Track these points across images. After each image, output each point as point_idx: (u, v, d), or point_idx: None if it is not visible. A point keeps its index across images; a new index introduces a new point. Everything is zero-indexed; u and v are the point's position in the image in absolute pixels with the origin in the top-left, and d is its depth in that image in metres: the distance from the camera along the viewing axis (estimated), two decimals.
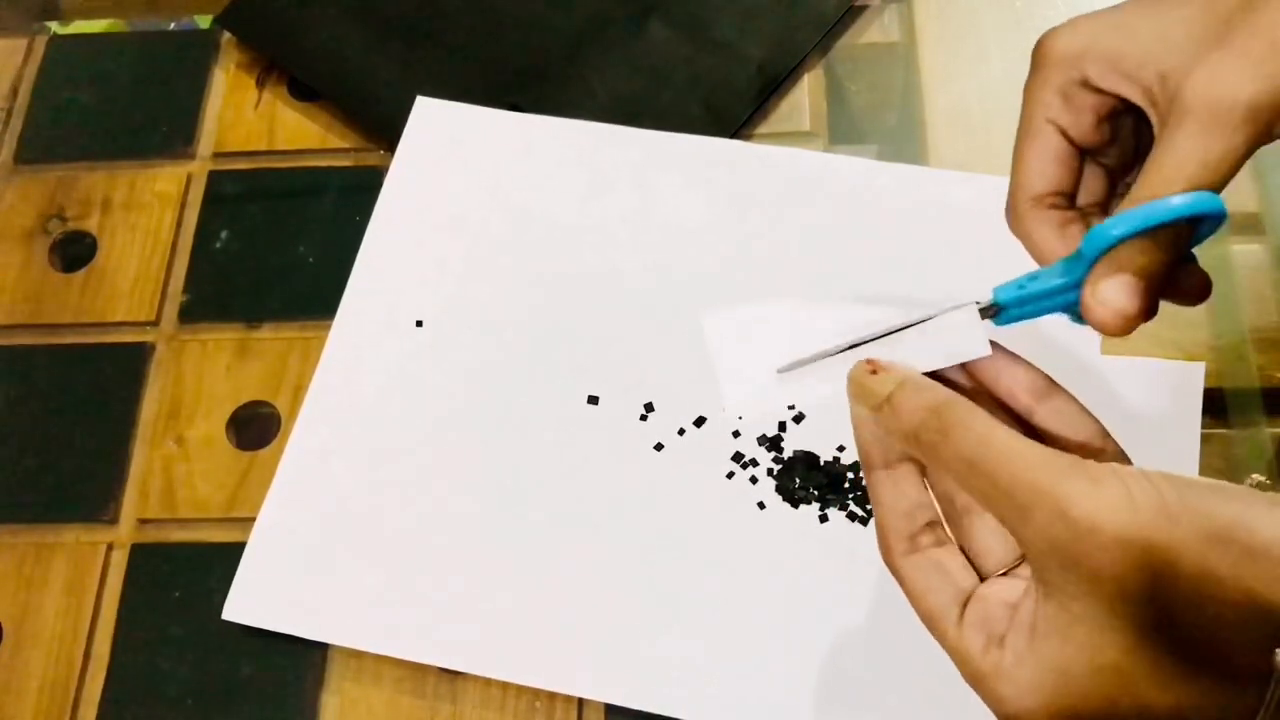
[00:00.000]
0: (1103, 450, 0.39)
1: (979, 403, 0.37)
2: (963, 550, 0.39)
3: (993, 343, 0.41)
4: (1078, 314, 0.40)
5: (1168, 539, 0.31)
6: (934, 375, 0.39)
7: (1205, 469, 0.59)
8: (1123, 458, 0.39)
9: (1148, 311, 0.38)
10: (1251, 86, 0.36)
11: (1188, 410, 0.60)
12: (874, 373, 0.38)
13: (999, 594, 0.37)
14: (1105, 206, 0.43)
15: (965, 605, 0.37)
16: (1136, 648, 0.32)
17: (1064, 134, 0.41)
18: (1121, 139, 0.43)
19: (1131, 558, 0.32)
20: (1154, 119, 0.39)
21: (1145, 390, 0.61)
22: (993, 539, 0.39)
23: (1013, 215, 0.42)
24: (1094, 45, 0.40)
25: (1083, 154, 0.42)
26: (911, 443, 0.37)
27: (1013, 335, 0.43)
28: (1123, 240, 0.37)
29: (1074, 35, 0.40)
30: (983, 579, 0.38)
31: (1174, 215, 0.37)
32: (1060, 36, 0.41)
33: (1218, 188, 0.37)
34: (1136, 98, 0.40)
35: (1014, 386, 0.40)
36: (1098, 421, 0.39)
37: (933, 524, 0.40)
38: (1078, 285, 0.39)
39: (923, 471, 0.40)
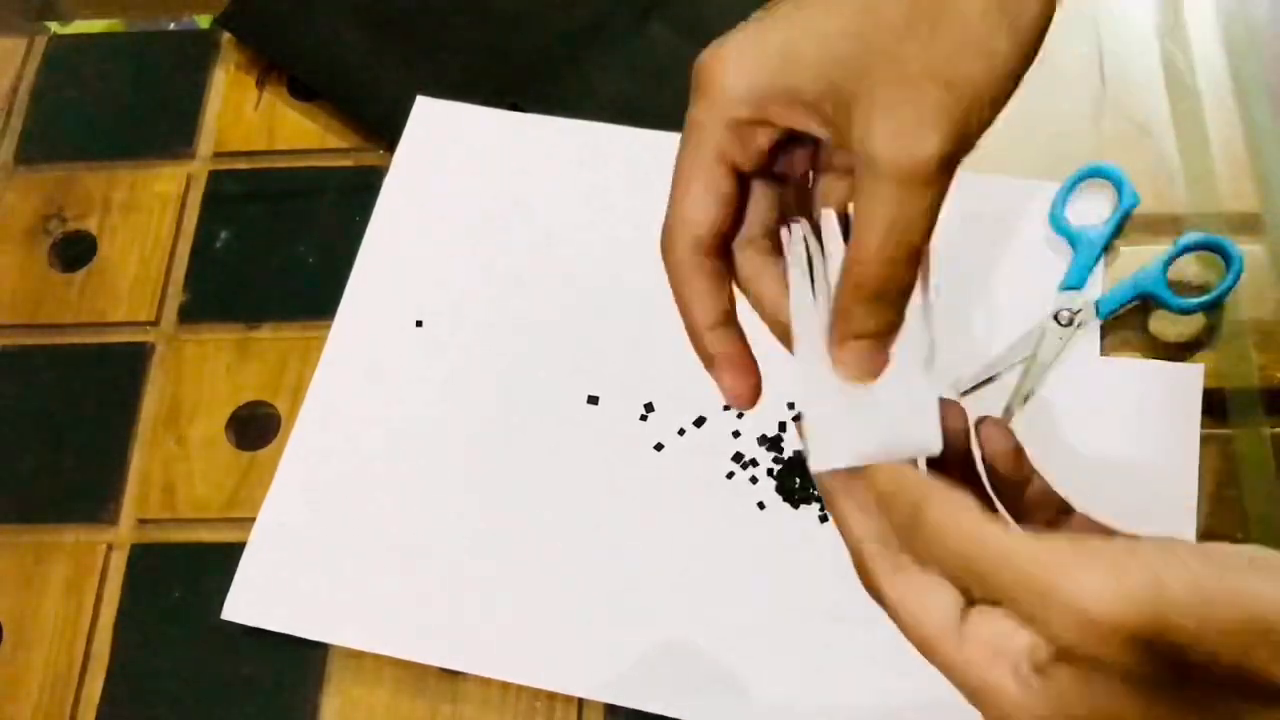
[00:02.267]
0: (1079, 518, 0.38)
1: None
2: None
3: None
4: None
5: (1160, 616, 0.30)
6: None
7: (1205, 469, 0.59)
8: (1100, 527, 0.38)
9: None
10: (936, 140, 0.34)
11: (1187, 411, 0.60)
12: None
13: (1000, 615, 0.35)
14: (778, 226, 0.41)
15: (964, 619, 0.35)
16: (1143, 704, 0.32)
17: (735, 168, 0.39)
18: (791, 152, 0.40)
19: (1123, 641, 0.30)
20: (844, 149, 0.36)
21: (1145, 391, 0.61)
22: None
23: (669, 256, 0.40)
24: (762, 78, 0.37)
25: (746, 184, 0.40)
26: (902, 540, 0.36)
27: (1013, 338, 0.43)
28: None
29: (740, 65, 0.37)
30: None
31: None
32: (727, 67, 0.38)
33: (927, 238, 0.36)
34: (819, 132, 0.37)
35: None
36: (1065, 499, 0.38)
37: None
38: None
39: None
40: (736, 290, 0.41)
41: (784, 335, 0.40)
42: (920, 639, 0.36)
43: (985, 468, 0.40)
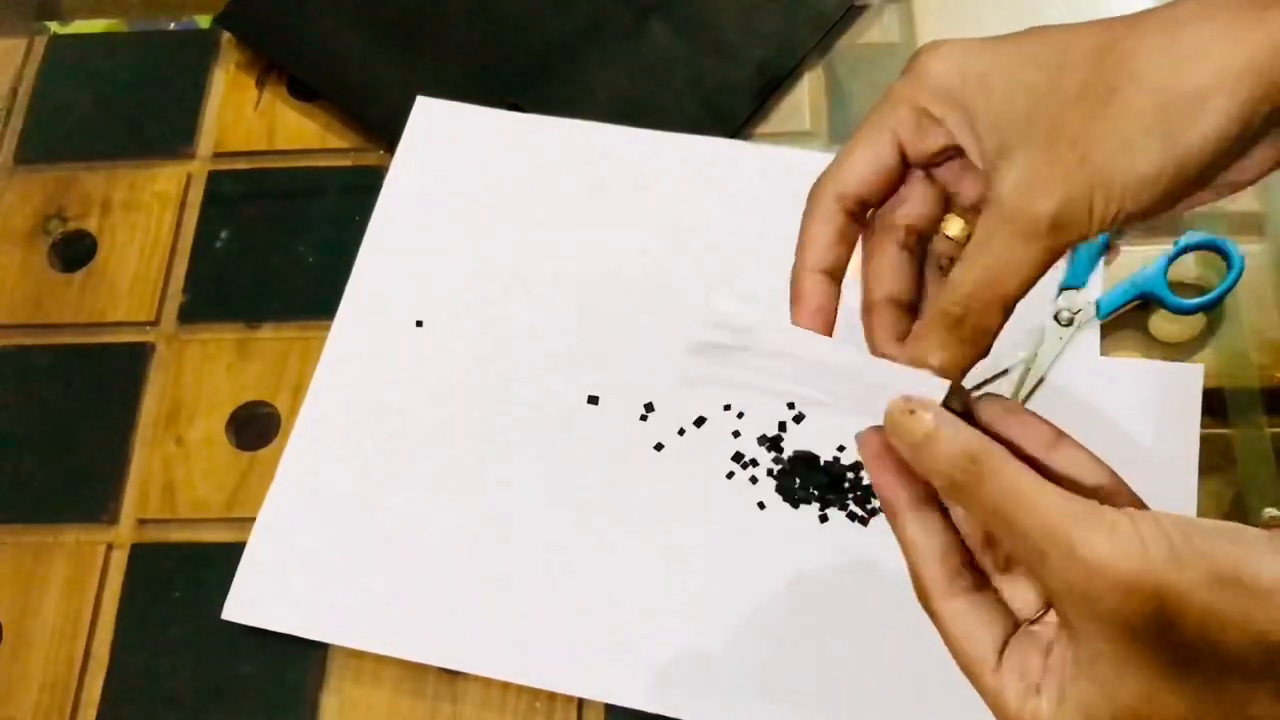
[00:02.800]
0: (1116, 493, 0.39)
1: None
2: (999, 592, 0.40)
3: (999, 396, 0.41)
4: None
5: (1175, 581, 0.32)
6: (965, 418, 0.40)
7: (1205, 469, 0.59)
8: (1137, 502, 0.39)
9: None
10: (1053, 201, 0.36)
11: (1187, 411, 0.60)
12: (911, 412, 0.38)
13: (1035, 640, 0.37)
14: (934, 226, 0.43)
15: (1003, 651, 0.37)
16: (1152, 686, 0.33)
17: (902, 148, 0.41)
18: (959, 165, 0.42)
19: (1141, 600, 0.33)
20: (986, 186, 0.39)
21: (1145, 391, 0.61)
22: (1021, 585, 0.40)
23: (811, 198, 0.42)
24: (958, 95, 0.39)
25: (907, 169, 0.42)
26: (944, 483, 0.37)
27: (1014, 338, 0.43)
28: None
29: (946, 71, 0.40)
30: (1019, 623, 0.39)
31: None
32: (938, 66, 0.40)
33: (1021, 293, 0.38)
34: (975, 159, 0.40)
35: (1023, 440, 0.40)
36: (1109, 468, 0.40)
37: (966, 564, 0.40)
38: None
39: (946, 514, 0.40)
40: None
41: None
42: (965, 660, 0.38)
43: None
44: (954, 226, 0.43)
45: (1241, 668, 0.32)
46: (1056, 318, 0.62)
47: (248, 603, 0.59)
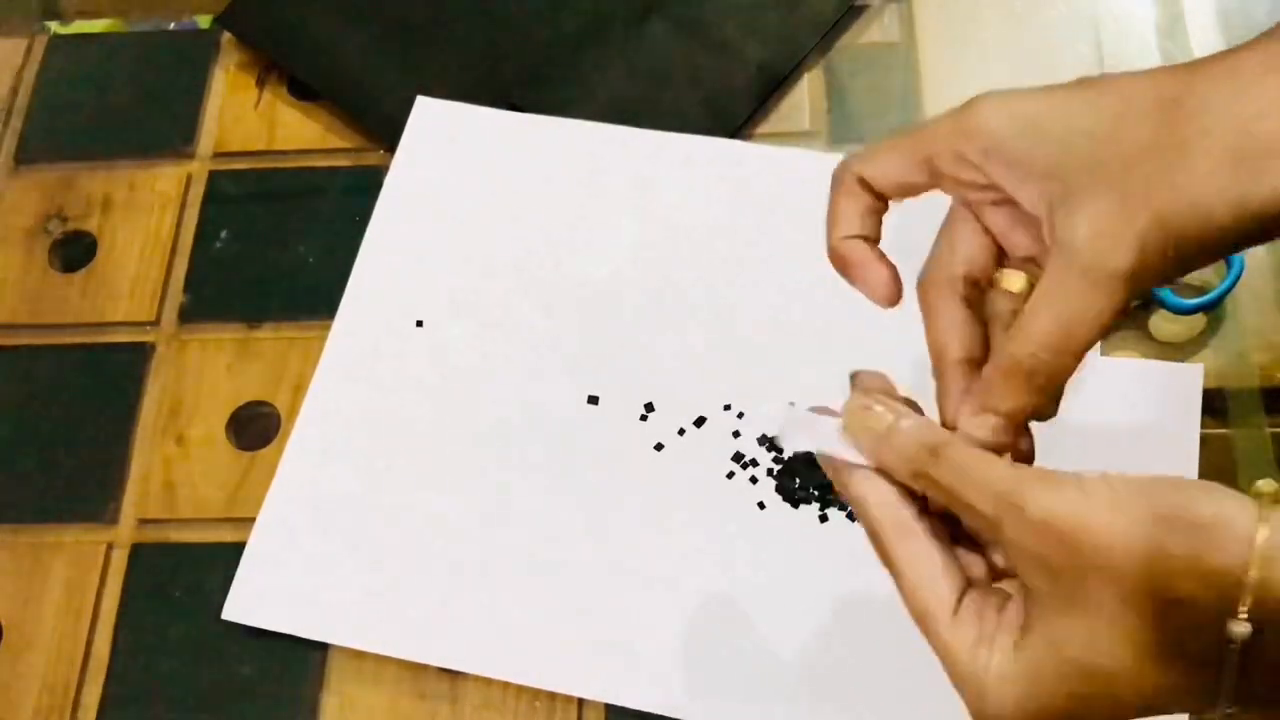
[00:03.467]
0: None
1: None
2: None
3: None
4: None
5: (1122, 526, 0.34)
6: None
7: (1205, 469, 0.59)
8: None
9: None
10: (1130, 254, 0.37)
11: (1187, 411, 0.60)
12: (868, 409, 0.40)
13: (990, 596, 0.38)
14: (989, 274, 0.43)
15: (959, 605, 0.38)
16: (1098, 634, 0.35)
17: (932, 165, 0.41)
18: (1002, 215, 0.42)
19: (1085, 548, 0.34)
20: (1043, 231, 0.39)
21: (1145, 391, 0.61)
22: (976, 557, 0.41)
23: (838, 181, 0.43)
24: (1004, 137, 0.39)
25: (929, 186, 0.42)
26: (907, 473, 0.39)
27: None
28: None
29: (994, 116, 0.39)
30: (975, 581, 0.40)
31: None
32: (986, 110, 0.40)
33: (1094, 340, 0.38)
34: (1024, 201, 0.39)
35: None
36: None
37: (924, 512, 0.40)
38: None
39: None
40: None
41: (938, 365, 0.42)
42: (918, 611, 0.39)
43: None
44: (1016, 281, 0.42)
45: (1190, 609, 0.33)
46: None
47: (248, 603, 0.59)
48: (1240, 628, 0.32)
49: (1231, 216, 0.37)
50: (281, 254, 0.70)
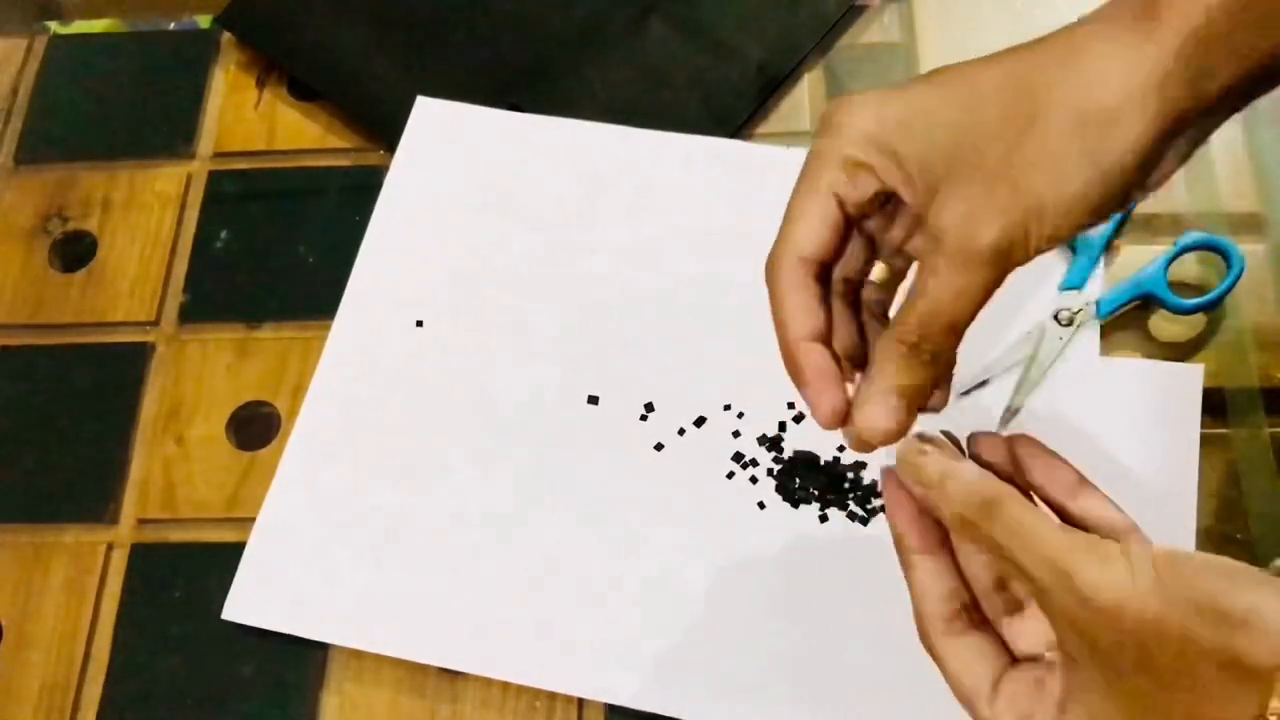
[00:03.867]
0: (1130, 537, 0.40)
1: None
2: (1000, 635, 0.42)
3: (1028, 437, 0.43)
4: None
5: (1158, 610, 0.34)
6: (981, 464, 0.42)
7: (1205, 469, 0.59)
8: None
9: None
10: (993, 231, 0.38)
11: (1187, 412, 0.60)
12: (923, 452, 0.41)
13: (1029, 674, 0.40)
14: (863, 275, 0.45)
15: (998, 684, 0.40)
16: (1140, 713, 0.35)
17: (840, 203, 0.42)
18: (885, 212, 0.44)
19: (1125, 627, 0.34)
20: (921, 225, 0.40)
21: (1145, 392, 0.61)
22: (1029, 625, 0.41)
23: (774, 270, 0.43)
24: (880, 138, 0.40)
25: (850, 223, 0.43)
26: (956, 521, 0.40)
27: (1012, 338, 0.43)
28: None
29: (863, 119, 0.41)
30: (1015, 660, 0.41)
31: None
32: (853, 116, 0.41)
33: (968, 317, 0.39)
34: (907, 197, 0.41)
35: (1046, 483, 0.42)
36: (1128, 516, 0.41)
37: (966, 607, 0.42)
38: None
39: (954, 558, 0.42)
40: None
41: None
42: (961, 691, 0.41)
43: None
44: (879, 272, 0.45)
45: (1217, 696, 0.33)
46: (1056, 318, 0.62)
47: (248, 602, 0.59)
48: None
49: (1084, 183, 0.38)
50: (281, 254, 0.70)
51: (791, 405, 0.61)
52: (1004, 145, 0.38)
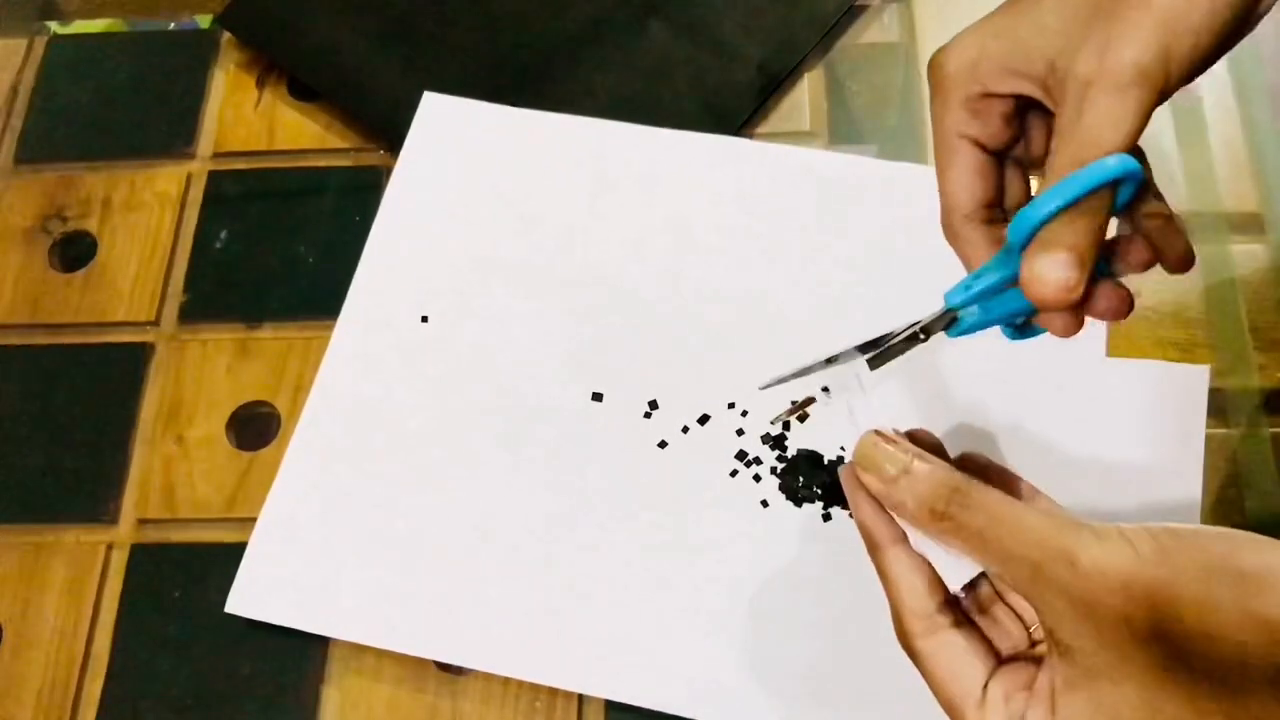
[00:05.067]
0: None
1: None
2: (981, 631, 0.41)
3: (978, 455, 0.43)
4: (1017, 323, 0.41)
5: (1168, 576, 0.33)
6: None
7: (1206, 469, 0.59)
8: None
9: (1087, 282, 0.39)
10: (1133, 51, 0.37)
11: (1192, 413, 0.60)
12: (879, 447, 0.40)
13: (1016, 673, 0.38)
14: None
15: (986, 688, 0.38)
16: (1154, 687, 0.34)
17: (978, 144, 0.42)
18: (1030, 132, 0.44)
19: (1137, 598, 0.34)
20: (1052, 104, 0.40)
21: (1150, 393, 0.61)
22: (1001, 624, 0.41)
23: (950, 233, 0.44)
24: (982, 55, 0.41)
25: (999, 158, 0.43)
26: (924, 514, 0.39)
27: (1018, 343, 0.43)
28: (1047, 220, 0.38)
29: (962, 51, 0.42)
30: (1000, 659, 0.40)
31: (1090, 185, 0.37)
32: (950, 55, 0.42)
33: (1124, 148, 0.38)
34: (1032, 91, 0.41)
35: (1002, 489, 0.41)
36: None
37: (948, 602, 0.41)
38: (1016, 276, 0.39)
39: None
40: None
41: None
42: (947, 697, 0.39)
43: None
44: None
45: (1240, 660, 0.33)
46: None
47: (251, 596, 0.59)
48: None
49: (1208, 9, 0.37)
50: (281, 254, 0.70)
51: (795, 403, 0.61)
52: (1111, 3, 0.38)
